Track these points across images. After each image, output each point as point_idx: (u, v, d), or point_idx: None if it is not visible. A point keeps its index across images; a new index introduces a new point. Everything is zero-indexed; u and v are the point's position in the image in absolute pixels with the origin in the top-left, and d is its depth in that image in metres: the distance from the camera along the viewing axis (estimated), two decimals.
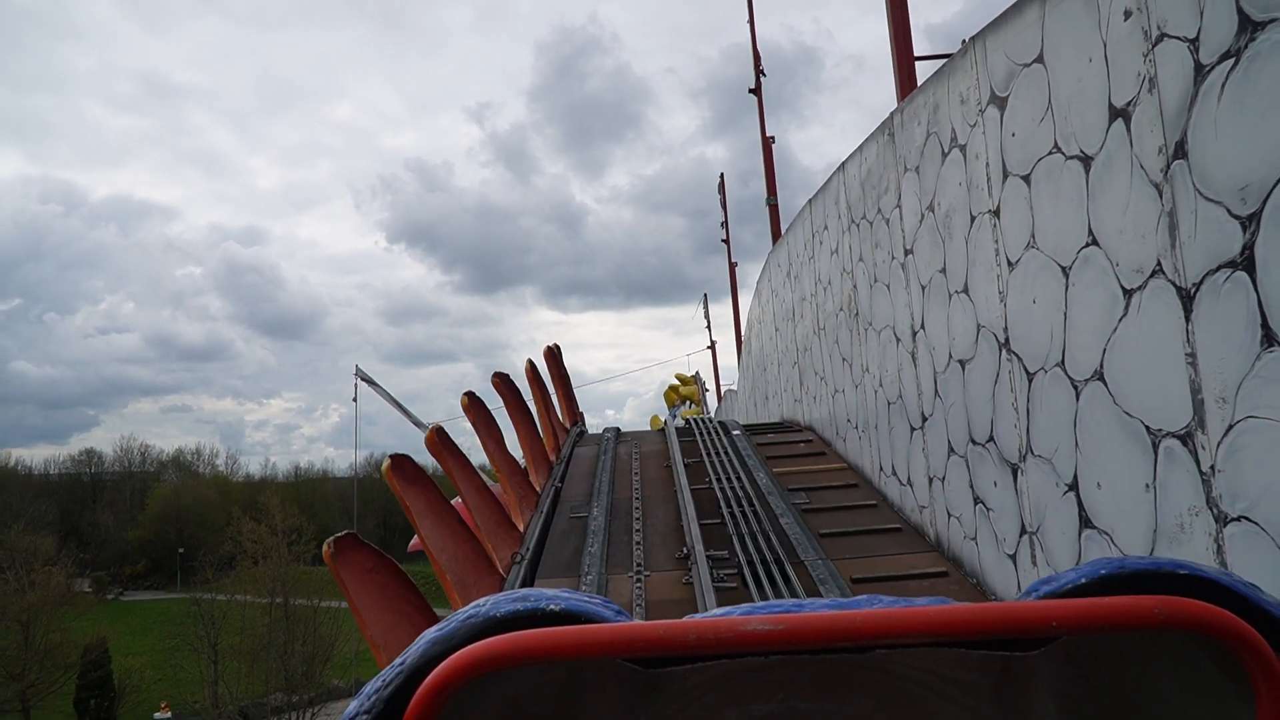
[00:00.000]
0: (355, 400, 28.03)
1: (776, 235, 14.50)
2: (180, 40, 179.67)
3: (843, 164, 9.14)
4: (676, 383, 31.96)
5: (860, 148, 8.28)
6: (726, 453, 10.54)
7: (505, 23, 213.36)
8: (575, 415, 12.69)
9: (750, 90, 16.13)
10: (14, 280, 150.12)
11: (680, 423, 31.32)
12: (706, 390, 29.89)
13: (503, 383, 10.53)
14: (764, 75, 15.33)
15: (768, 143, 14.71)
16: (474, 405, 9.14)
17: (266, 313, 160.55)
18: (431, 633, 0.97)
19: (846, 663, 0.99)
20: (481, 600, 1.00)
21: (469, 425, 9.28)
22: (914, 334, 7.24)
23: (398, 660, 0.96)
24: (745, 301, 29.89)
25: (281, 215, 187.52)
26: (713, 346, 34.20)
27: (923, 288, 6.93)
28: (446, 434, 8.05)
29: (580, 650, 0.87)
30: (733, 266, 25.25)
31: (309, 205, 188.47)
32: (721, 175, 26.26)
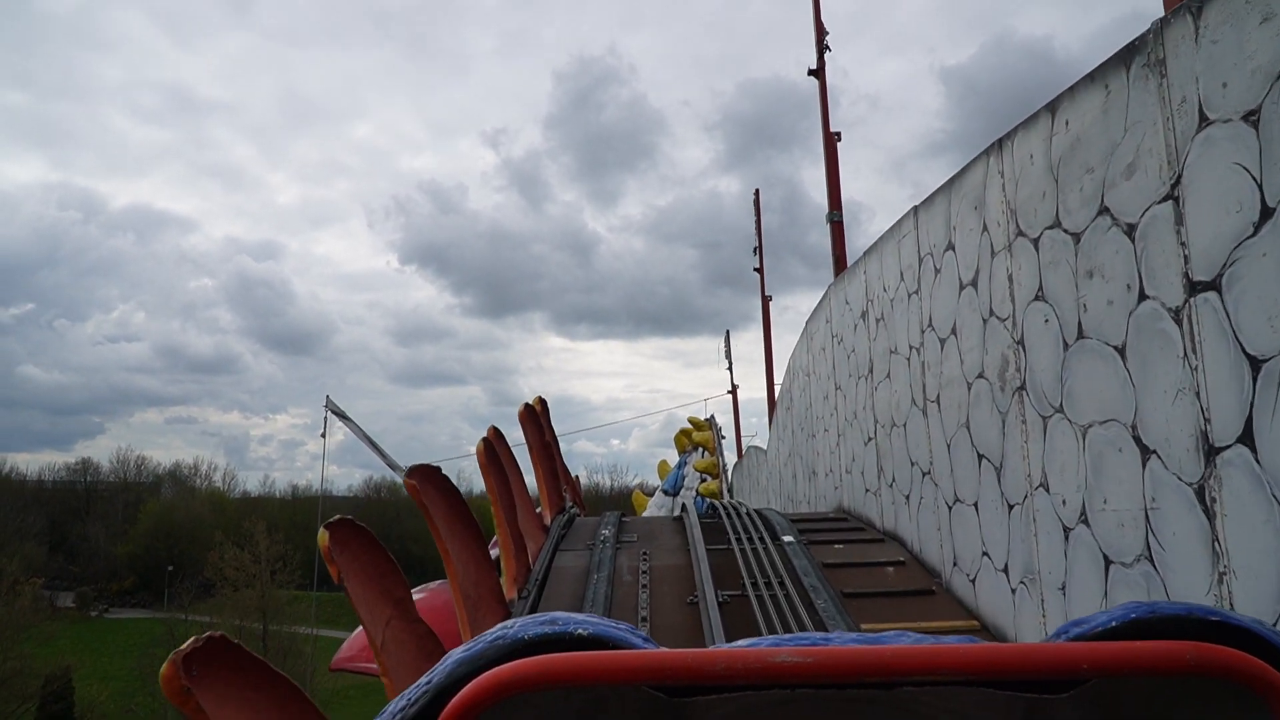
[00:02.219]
0: (324, 436, 24.29)
1: (841, 263, 10.87)
2: (207, 55, 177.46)
3: (1000, 141, 5.47)
4: (689, 427, 28.05)
5: (1063, 99, 4.63)
6: (783, 583, 6.80)
7: (527, 51, 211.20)
8: (560, 500, 8.92)
9: (810, 71, 12.42)
10: (28, 285, 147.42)
11: (691, 490, 27.44)
12: (723, 438, 25.95)
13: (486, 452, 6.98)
14: (829, 50, 11.71)
15: (831, 139, 10.99)
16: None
17: (276, 327, 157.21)
18: (458, 653, 0.99)
19: (872, 699, 0.96)
20: (510, 622, 1.02)
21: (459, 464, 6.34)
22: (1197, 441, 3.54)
23: (424, 679, 0.98)
24: (780, 344, 26.05)
25: (299, 231, 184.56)
26: (734, 391, 30.38)
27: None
28: (438, 470, 5.75)
29: (608, 675, 0.88)
30: (766, 300, 21.23)
31: (326, 222, 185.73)
32: (757, 192, 22.18)
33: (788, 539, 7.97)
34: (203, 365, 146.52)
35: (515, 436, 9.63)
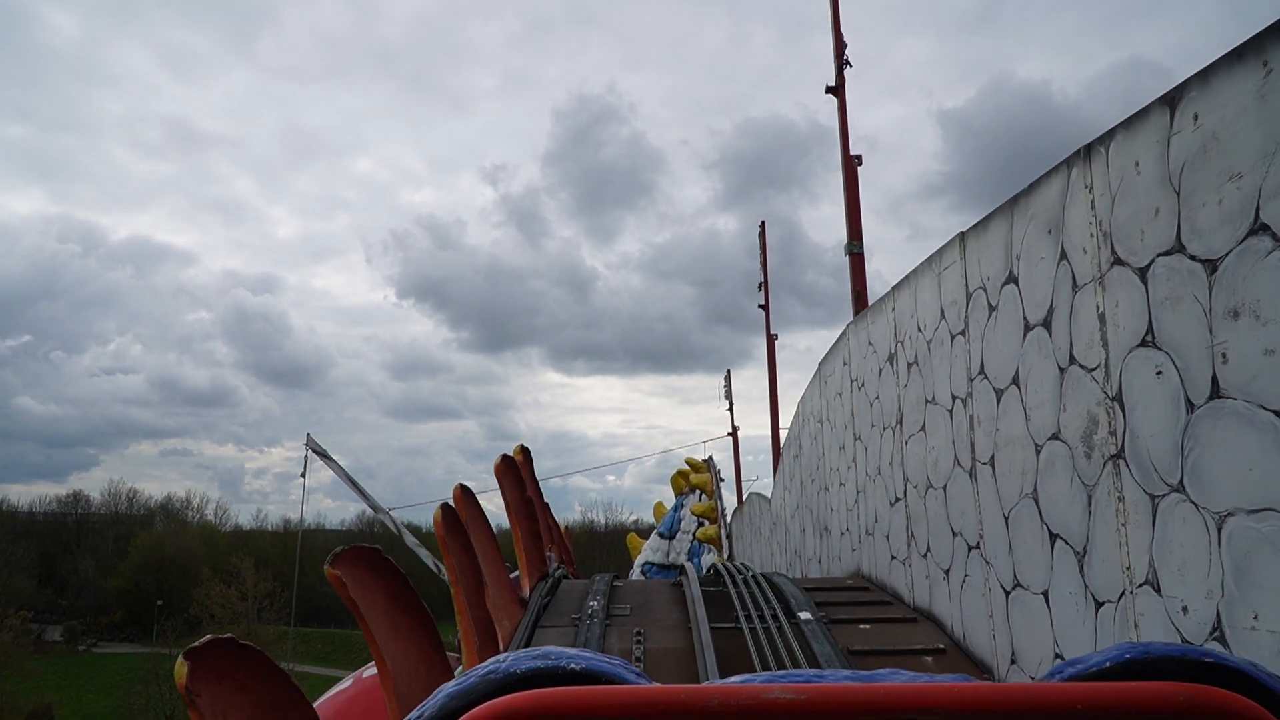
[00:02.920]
0: (304, 476, 23.07)
1: (861, 299, 9.71)
2: (209, 90, 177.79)
3: (1088, 148, 4.38)
4: (687, 469, 26.83)
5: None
6: None
7: (528, 89, 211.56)
8: (542, 564, 7.72)
9: (829, 89, 11.24)
10: (26, 317, 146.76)
11: (688, 534, 26.14)
12: (722, 480, 24.70)
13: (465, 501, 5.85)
14: (849, 65, 10.53)
15: (850, 163, 9.83)
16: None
17: (273, 360, 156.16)
18: (450, 687, 1.00)
19: None
20: (502, 656, 1.03)
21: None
22: None
23: (415, 713, 0.99)
24: (785, 385, 24.83)
25: (298, 265, 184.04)
26: (735, 433, 29.05)
27: None
28: (375, 551, 4.53)
29: (601, 711, 0.87)
30: (771, 339, 19.92)
31: (325, 256, 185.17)
32: (762, 225, 20.71)
33: (805, 616, 6.79)
34: (198, 398, 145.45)
35: (492, 488, 8.48)
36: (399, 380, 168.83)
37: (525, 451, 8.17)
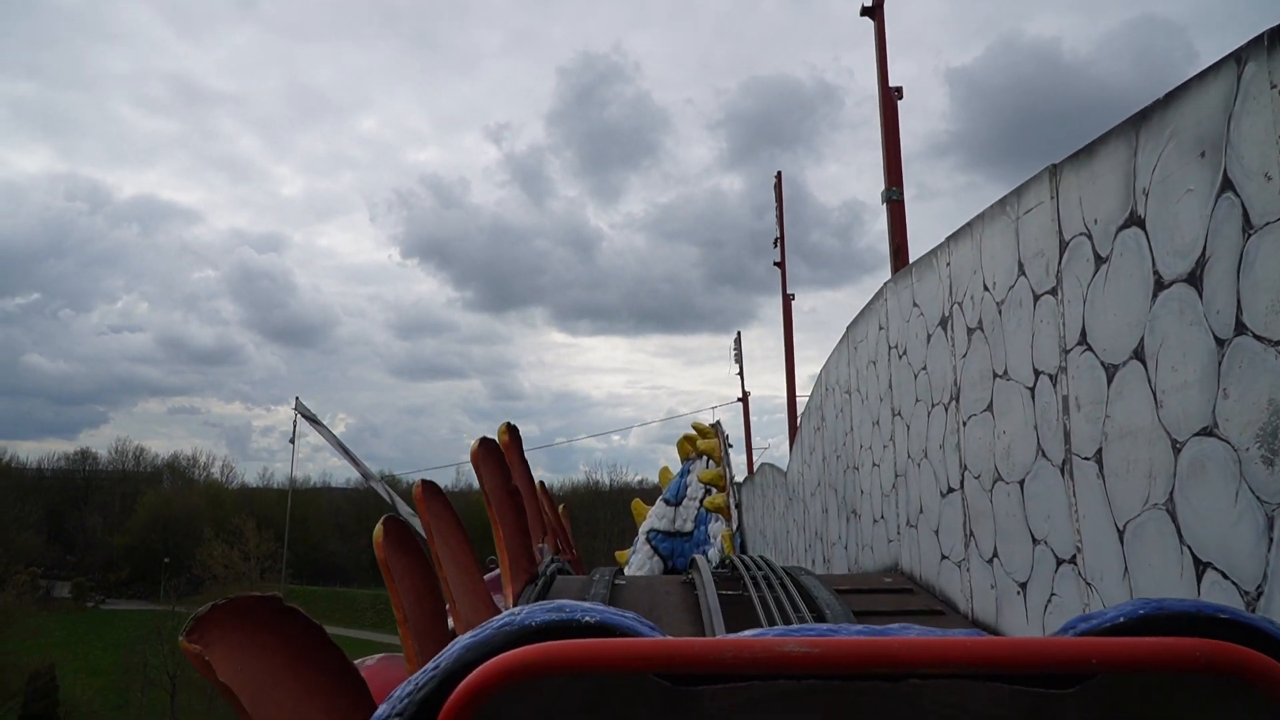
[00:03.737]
0: (293, 441, 21.95)
1: (902, 253, 8.32)
2: (214, 47, 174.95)
3: (1270, 34, 3.08)
4: (693, 433, 25.60)
5: None
6: None
7: (533, 48, 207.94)
8: (531, 565, 6.48)
9: (864, 10, 9.67)
10: (35, 275, 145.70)
11: (694, 501, 24.94)
12: (730, 446, 23.47)
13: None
14: None
15: (889, 95, 8.35)
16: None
17: (278, 319, 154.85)
18: (466, 638, 0.98)
19: (877, 692, 0.94)
20: (516, 609, 1.01)
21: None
22: None
23: (430, 665, 0.97)
24: (782, 344, 23.45)
25: (303, 223, 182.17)
26: (745, 399, 27.61)
27: None
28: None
29: (614, 663, 0.87)
30: (788, 299, 18.31)
31: (330, 215, 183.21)
32: (778, 175, 18.75)
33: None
34: (205, 356, 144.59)
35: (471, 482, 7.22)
36: (404, 339, 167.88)
37: (511, 431, 6.93)
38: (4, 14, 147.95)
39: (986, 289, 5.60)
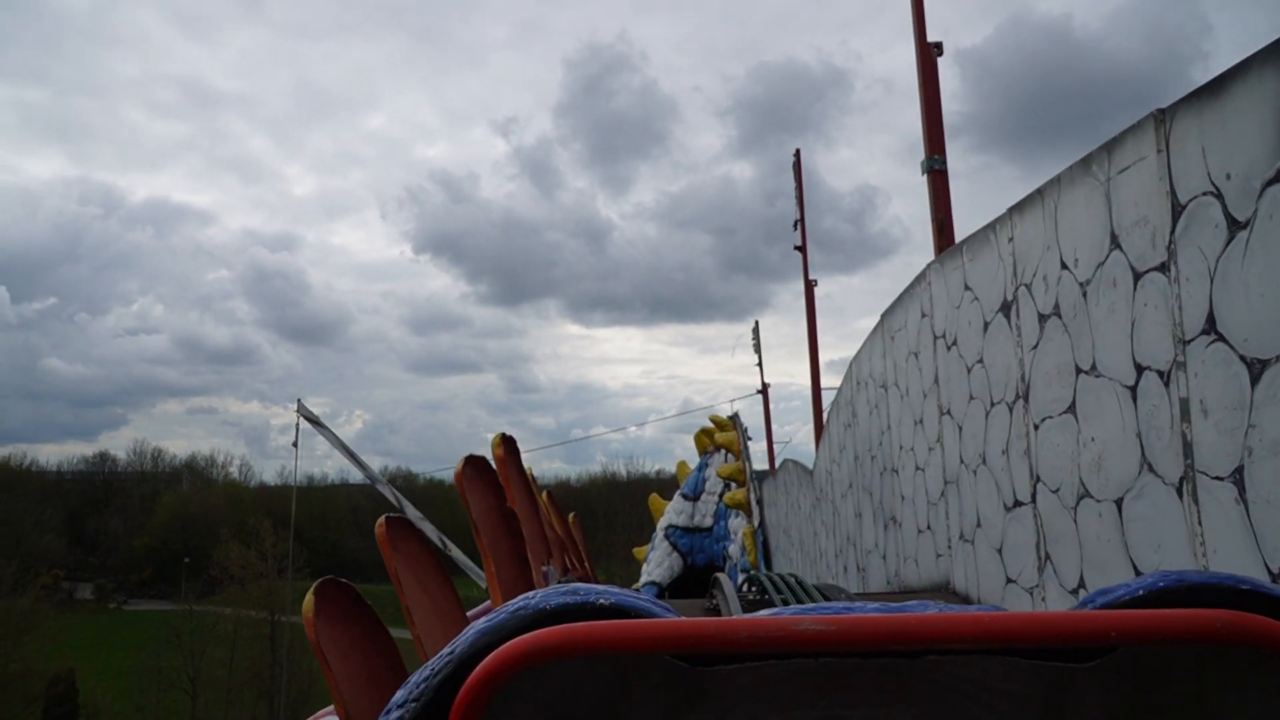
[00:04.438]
0: (295, 445, 21.15)
1: (947, 229, 7.21)
2: (222, 48, 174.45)
3: None
4: (711, 426, 24.65)
5: None
6: None
7: (540, 39, 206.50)
8: (531, 587, 5.57)
9: None
10: (51, 280, 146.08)
11: (713, 495, 24.02)
12: (749, 439, 22.53)
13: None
14: None
15: (927, 52, 7.21)
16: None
17: (293, 318, 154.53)
18: (481, 623, 0.96)
19: (894, 669, 0.93)
20: (531, 593, 0.99)
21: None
22: None
23: (446, 650, 0.97)
24: (798, 332, 22.38)
25: (315, 222, 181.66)
26: (765, 391, 26.60)
27: None
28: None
29: (631, 644, 0.86)
30: (810, 284, 17.13)
31: (342, 213, 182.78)
32: (797, 154, 17.69)
33: None
34: (221, 356, 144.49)
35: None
36: (418, 335, 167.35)
37: (508, 443, 6.01)
38: (11, 20, 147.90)
39: (1065, 267, 4.65)
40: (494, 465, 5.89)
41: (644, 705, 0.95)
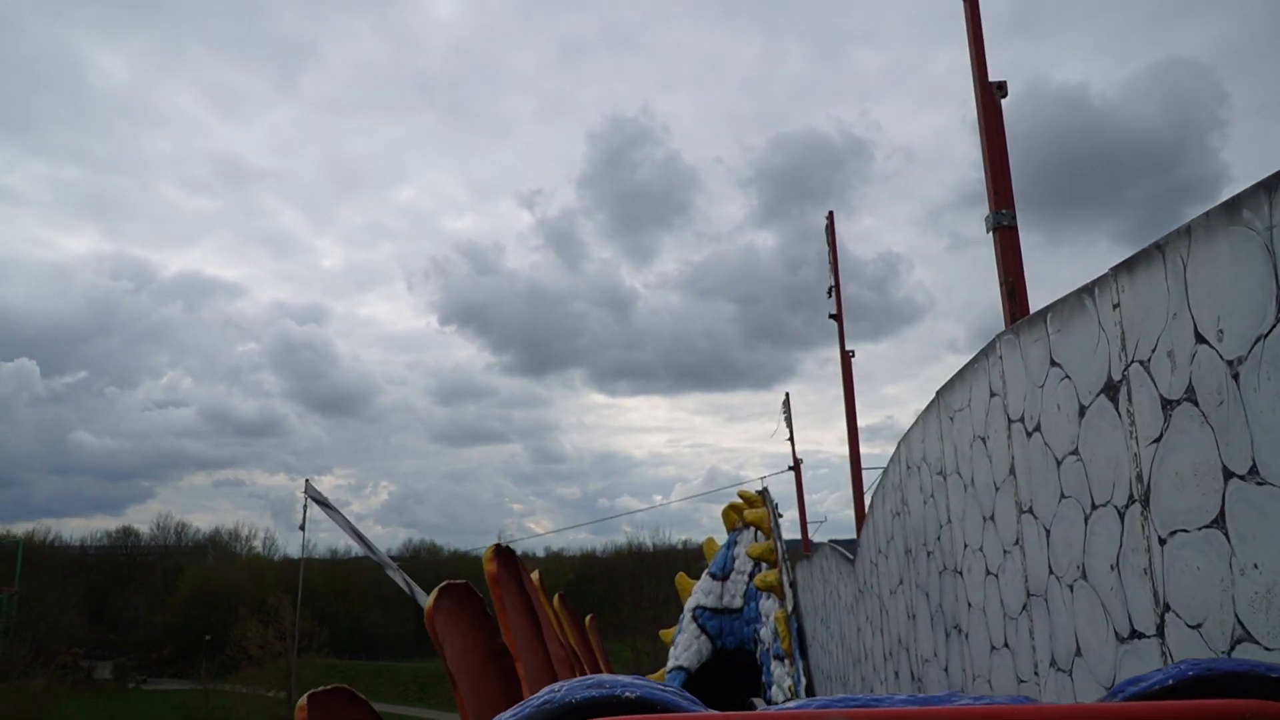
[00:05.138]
0: (303, 529, 20.20)
1: (1020, 295, 5.72)
2: (254, 126, 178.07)
3: None
4: (740, 501, 23.43)
5: None
6: None
7: (564, 113, 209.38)
8: None
9: None
10: (82, 353, 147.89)
11: (743, 575, 22.76)
12: (781, 516, 21.27)
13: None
14: None
15: (990, 93, 6.22)
16: None
17: (320, 389, 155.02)
18: (506, 716, 0.97)
19: None
20: (556, 685, 0.97)
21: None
22: None
23: None
24: (823, 399, 21.25)
25: (344, 294, 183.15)
26: (797, 466, 25.30)
27: None
28: None
29: None
30: (847, 356, 15.83)
31: (370, 285, 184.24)
32: (830, 216, 16.52)
33: None
34: (249, 428, 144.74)
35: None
36: (445, 405, 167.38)
37: (502, 555, 4.97)
38: (51, 100, 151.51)
39: (1204, 340, 3.62)
40: (487, 579, 4.89)
41: None
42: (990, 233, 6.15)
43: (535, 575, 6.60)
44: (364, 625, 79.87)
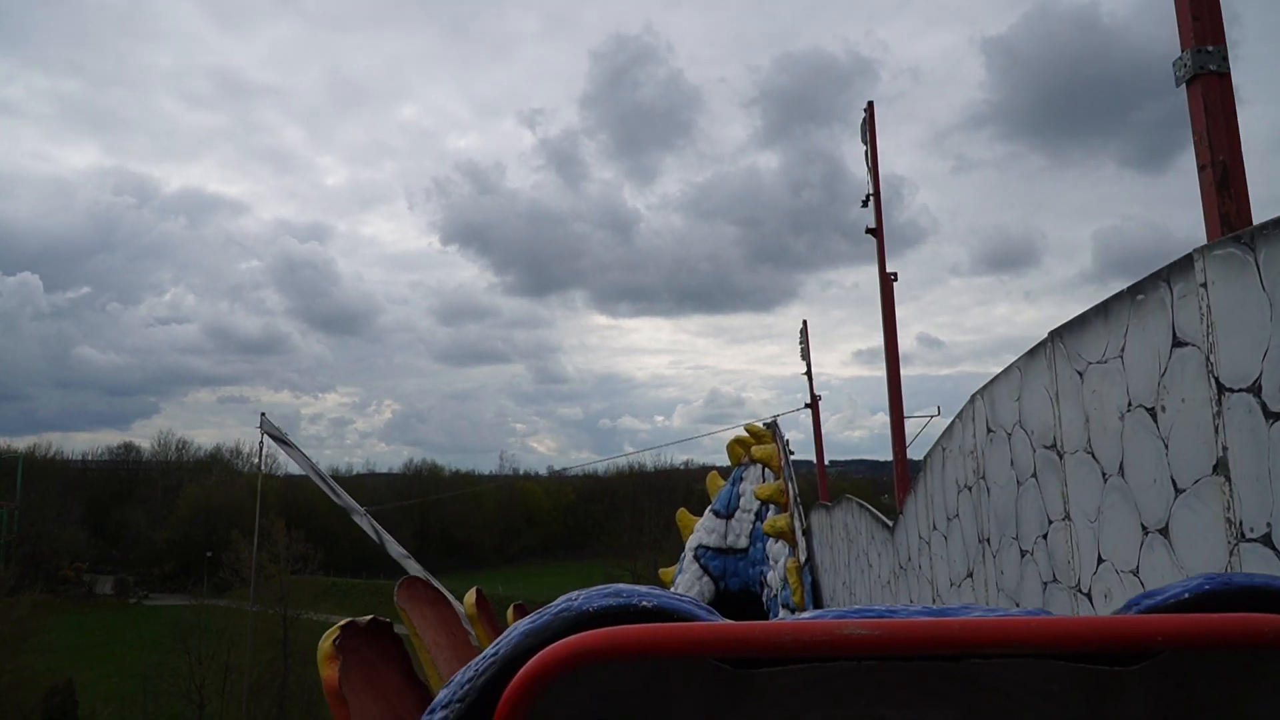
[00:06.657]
0: (259, 464, 18.19)
1: (1237, 190, 3.85)
2: (255, 40, 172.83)
3: None
4: (745, 435, 21.28)
5: None
6: None
7: (568, 32, 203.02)
8: None
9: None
10: (84, 269, 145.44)
11: (749, 513, 20.61)
12: (792, 454, 19.18)
13: None
14: None
15: None
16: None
17: (323, 308, 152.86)
18: (524, 624, 0.94)
19: (937, 671, 0.91)
20: (573, 594, 0.97)
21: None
22: None
23: (490, 650, 0.94)
24: (825, 321, 18.97)
25: (346, 213, 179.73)
26: (815, 404, 22.90)
27: None
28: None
29: (674, 647, 0.83)
30: (889, 278, 13.28)
31: (373, 204, 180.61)
32: (869, 106, 13.85)
33: None
34: (252, 345, 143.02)
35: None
36: (447, 325, 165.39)
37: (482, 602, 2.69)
38: (49, 13, 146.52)
39: None
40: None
41: (684, 705, 0.92)
42: (1182, 85, 3.80)
43: (471, 596, 4.49)
44: (361, 546, 79.04)
